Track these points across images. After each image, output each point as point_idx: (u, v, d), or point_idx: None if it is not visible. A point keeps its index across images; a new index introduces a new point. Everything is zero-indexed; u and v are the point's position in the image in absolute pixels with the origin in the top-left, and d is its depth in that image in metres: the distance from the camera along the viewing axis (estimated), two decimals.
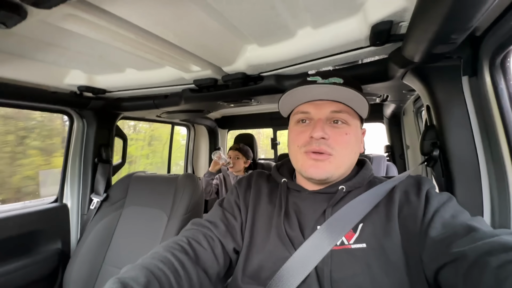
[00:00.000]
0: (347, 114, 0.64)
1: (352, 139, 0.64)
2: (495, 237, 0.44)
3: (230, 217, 0.73)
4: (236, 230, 0.71)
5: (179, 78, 1.08)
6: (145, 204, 1.33)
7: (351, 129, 0.64)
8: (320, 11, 0.64)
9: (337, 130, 0.63)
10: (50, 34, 0.73)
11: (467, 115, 0.69)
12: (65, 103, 1.30)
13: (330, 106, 0.64)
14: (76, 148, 1.49)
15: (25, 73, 0.99)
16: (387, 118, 2.05)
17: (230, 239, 0.70)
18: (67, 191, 1.48)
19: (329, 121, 0.65)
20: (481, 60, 0.63)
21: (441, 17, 0.43)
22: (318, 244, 0.58)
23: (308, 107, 0.66)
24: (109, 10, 0.58)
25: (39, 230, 1.29)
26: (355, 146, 0.66)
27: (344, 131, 0.64)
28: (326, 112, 0.64)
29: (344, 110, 0.64)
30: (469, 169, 0.69)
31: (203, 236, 0.67)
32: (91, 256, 1.27)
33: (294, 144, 0.68)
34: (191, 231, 0.69)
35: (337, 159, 0.63)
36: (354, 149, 0.66)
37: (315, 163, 0.63)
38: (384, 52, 0.80)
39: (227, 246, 0.69)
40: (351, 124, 0.65)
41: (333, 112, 0.64)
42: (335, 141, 0.62)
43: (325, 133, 0.62)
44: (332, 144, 0.62)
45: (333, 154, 0.62)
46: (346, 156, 0.64)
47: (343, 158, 0.64)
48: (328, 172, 0.63)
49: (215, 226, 0.70)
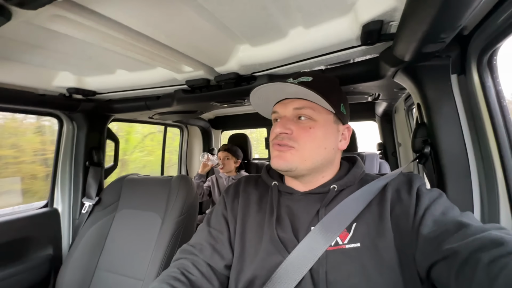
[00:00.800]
0: (310, 110, 0.65)
1: (318, 133, 0.65)
2: (485, 232, 0.45)
3: (217, 233, 0.73)
4: (224, 245, 0.71)
5: (171, 79, 1.06)
6: (138, 207, 1.31)
7: (317, 124, 0.65)
8: (311, 11, 0.64)
9: (300, 125, 0.65)
10: (36, 36, 0.71)
11: (457, 112, 0.71)
12: (54, 106, 1.27)
13: (293, 104, 0.67)
14: (66, 151, 1.46)
15: (11, 75, 0.96)
16: (379, 116, 2.07)
17: (219, 259, 0.69)
18: (57, 195, 1.44)
19: (295, 118, 0.67)
20: (469, 59, 0.65)
21: (430, 16, 0.44)
22: (313, 245, 0.58)
23: (277, 107, 0.71)
24: (98, 10, 0.57)
25: (29, 236, 1.26)
26: (324, 140, 0.66)
27: (307, 126, 0.65)
28: (289, 110, 0.67)
29: (307, 106, 0.65)
30: (460, 166, 0.70)
31: (192, 264, 0.68)
32: (84, 262, 1.25)
33: (270, 140, 0.71)
34: (179, 261, 0.70)
35: (300, 152, 0.64)
36: (322, 143, 0.65)
37: (278, 154, 0.66)
38: (375, 51, 0.81)
39: (217, 266, 0.69)
40: (316, 119, 0.65)
41: (296, 109, 0.66)
42: (297, 135, 0.65)
43: (286, 128, 0.65)
44: (295, 138, 0.64)
45: (295, 146, 0.64)
46: (313, 149, 0.65)
47: (308, 152, 0.64)
48: (290, 163, 0.64)
49: (201, 250, 0.70)
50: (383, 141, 2.12)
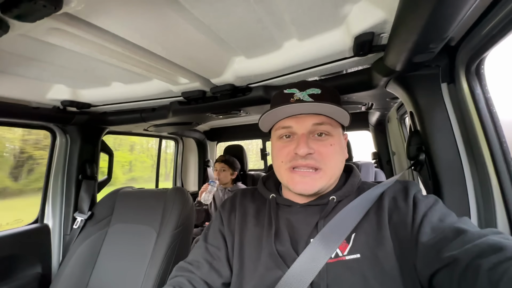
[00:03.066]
0: (329, 126, 0.64)
1: (337, 149, 0.65)
2: (483, 238, 0.45)
3: (214, 250, 0.71)
4: (222, 262, 0.69)
5: (167, 90, 1.07)
6: (132, 221, 1.28)
7: (335, 139, 0.65)
8: (305, 24, 0.66)
9: (321, 143, 0.63)
10: (32, 48, 0.71)
11: (449, 120, 0.73)
12: (48, 119, 1.26)
13: (312, 119, 0.63)
14: (58, 165, 1.43)
15: (4, 88, 0.95)
16: (372, 125, 2.11)
17: (216, 276, 0.68)
18: (48, 210, 1.40)
19: (312, 134, 0.64)
20: (458, 68, 0.67)
21: (419, 28, 0.46)
22: (313, 257, 0.57)
23: (289, 122, 0.65)
24: (95, 23, 0.58)
25: (17, 253, 1.21)
26: (341, 155, 0.66)
27: (329, 143, 0.63)
28: (308, 126, 0.63)
29: (326, 121, 0.64)
30: (454, 171, 0.71)
31: (188, 281, 0.66)
32: (74, 280, 1.19)
33: (278, 159, 0.67)
34: (175, 279, 0.68)
35: (327, 172, 0.63)
36: (340, 158, 0.66)
37: (302, 180, 0.62)
38: (367, 62, 0.84)
39: (214, 284, 0.67)
40: (334, 135, 0.65)
41: (315, 124, 0.63)
42: (321, 155, 0.62)
43: (310, 148, 0.61)
44: (319, 158, 0.62)
45: (321, 168, 0.62)
46: (335, 167, 0.65)
47: (332, 170, 0.64)
48: (318, 186, 0.62)
49: (198, 267, 0.69)
50: (378, 150, 2.14)
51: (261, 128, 0.74)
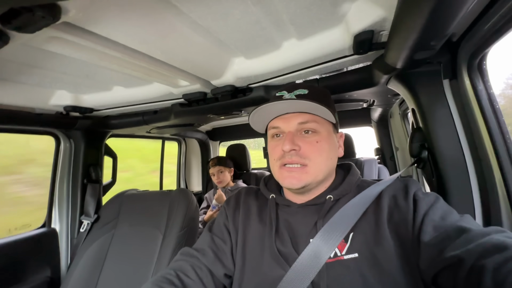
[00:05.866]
0: (315, 123, 0.65)
1: (324, 145, 0.65)
2: (487, 237, 0.44)
3: (220, 241, 0.72)
4: (226, 254, 0.70)
5: (168, 93, 1.07)
6: (138, 223, 1.29)
7: (322, 137, 0.65)
8: (303, 23, 0.66)
9: (307, 140, 0.64)
10: (33, 56, 0.72)
11: (451, 116, 0.72)
12: (51, 124, 1.27)
13: (297, 118, 0.65)
14: (63, 169, 1.45)
15: (8, 96, 0.96)
16: (375, 121, 2.09)
17: (220, 266, 0.69)
18: (55, 214, 1.42)
19: (299, 132, 0.66)
20: (460, 64, 0.66)
21: (420, 25, 0.45)
22: (313, 257, 0.57)
23: (277, 122, 0.68)
24: (94, 31, 0.58)
25: (26, 258, 1.23)
26: (330, 151, 0.66)
27: (314, 140, 0.64)
28: (294, 125, 0.65)
29: (311, 119, 0.65)
30: (458, 168, 0.71)
31: (191, 267, 0.67)
32: (83, 282, 1.21)
33: (271, 157, 0.69)
34: (178, 262, 0.69)
35: (313, 168, 0.63)
36: (329, 155, 0.66)
37: (289, 174, 0.64)
38: (367, 59, 0.83)
39: (217, 273, 0.68)
40: (320, 132, 0.66)
41: (301, 123, 0.65)
42: (307, 151, 0.63)
43: (295, 144, 0.63)
44: (305, 154, 0.63)
45: (307, 163, 0.63)
46: (322, 163, 0.65)
47: (319, 166, 0.64)
48: (304, 181, 0.63)
49: (203, 254, 0.69)
50: (381, 146, 2.13)
51: (256, 129, 0.77)
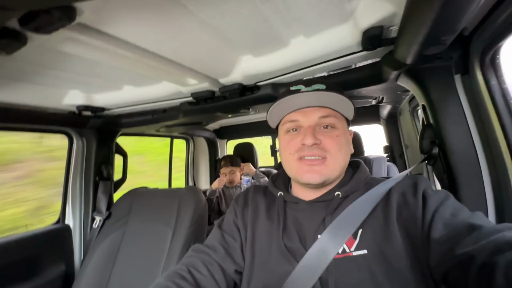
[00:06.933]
0: (334, 118, 0.65)
1: (343, 141, 0.65)
2: (499, 234, 0.44)
3: (229, 238, 0.73)
4: (236, 251, 0.71)
5: (176, 92, 1.09)
6: (148, 220, 1.32)
7: (340, 132, 0.66)
8: (311, 20, 0.66)
9: (328, 134, 0.64)
10: (47, 57, 0.74)
11: (463, 112, 0.71)
12: (64, 123, 1.31)
13: (318, 112, 0.65)
14: (76, 167, 1.49)
15: (23, 96, 0.99)
16: (384, 119, 2.07)
17: (230, 262, 0.69)
18: (68, 211, 1.46)
19: (318, 127, 0.65)
20: (472, 59, 0.65)
21: (431, 20, 0.45)
22: (321, 253, 0.57)
23: (296, 116, 0.67)
24: (107, 31, 0.60)
25: (42, 253, 1.27)
26: (346, 147, 0.67)
27: (334, 134, 0.65)
28: (314, 119, 0.65)
29: (331, 114, 0.65)
30: (470, 165, 0.69)
31: (202, 262, 0.68)
32: (96, 277, 1.25)
33: (286, 152, 0.68)
34: (189, 258, 0.70)
35: (332, 162, 0.64)
36: (346, 151, 0.66)
37: (310, 168, 0.63)
38: (376, 56, 0.82)
39: (228, 269, 0.69)
40: (339, 127, 0.66)
41: (321, 117, 0.65)
42: (327, 145, 0.63)
43: (316, 138, 0.63)
44: (325, 148, 0.63)
45: (327, 157, 0.63)
46: (340, 158, 0.65)
47: (337, 160, 0.64)
48: (324, 175, 0.63)
49: (214, 250, 0.70)
50: (390, 143, 2.10)
51: (270, 123, 0.76)
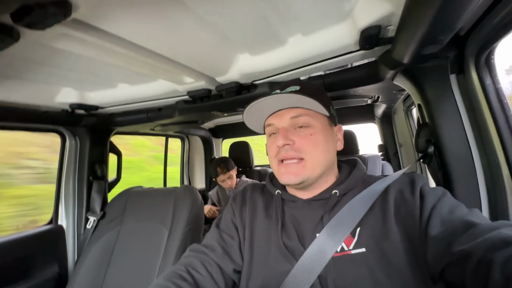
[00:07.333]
0: (307, 117, 0.65)
1: (319, 138, 0.65)
2: (495, 231, 0.44)
3: (227, 237, 0.73)
4: (234, 249, 0.71)
5: (172, 90, 1.08)
6: (144, 219, 1.30)
7: (316, 130, 0.65)
8: (310, 19, 0.66)
9: (301, 134, 0.65)
10: (41, 54, 0.72)
11: (458, 111, 0.72)
12: (57, 122, 1.28)
13: (289, 113, 0.66)
14: (69, 167, 1.46)
15: (14, 94, 0.97)
16: (378, 118, 2.09)
17: (229, 261, 0.69)
18: (61, 211, 1.44)
19: (293, 128, 0.66)
20: (467, 59, 0.66)
21: (429, 19, 0.45)
22: (319, 251, 0.58)
23: (271, 120, 0.69)
24: (103, 27, 0.58)
25: (34, 254, 1.24)
26: (326, 144, 0.66)
27: (308, 133, 0.65)
28: (286, 120, 0.66)
29: (303, 113, 0.65)
30: (465, 164, 0.71)
31: (200, 262, 0.67)
32: (90, 278, 1.23)
33: (269, 155, 0.70)
34: (188, 258, 0.70)
35: (310, 162, 0.63)
36: (326, 148, 0.66)
37: (287, 170, 0.64)
38: (373, 55, 0.83)
39: (226, 268, 0.69)
40: (314, 125, 0.65)
41: (293, 118, 0.65)
42: (301, 145, 0.64)
43: (288, 139, 0.63)
44: (299, 148, 0.63)
45: (303, 157, 0.63)
46: (319, 156, 0.65)
47: (316, 159, 0.64)
48: (301, 176, 0.63)
49: (212, 250, 0.70)
50: (384, 142, 2.13)
51: (253, 129, 0.77)
